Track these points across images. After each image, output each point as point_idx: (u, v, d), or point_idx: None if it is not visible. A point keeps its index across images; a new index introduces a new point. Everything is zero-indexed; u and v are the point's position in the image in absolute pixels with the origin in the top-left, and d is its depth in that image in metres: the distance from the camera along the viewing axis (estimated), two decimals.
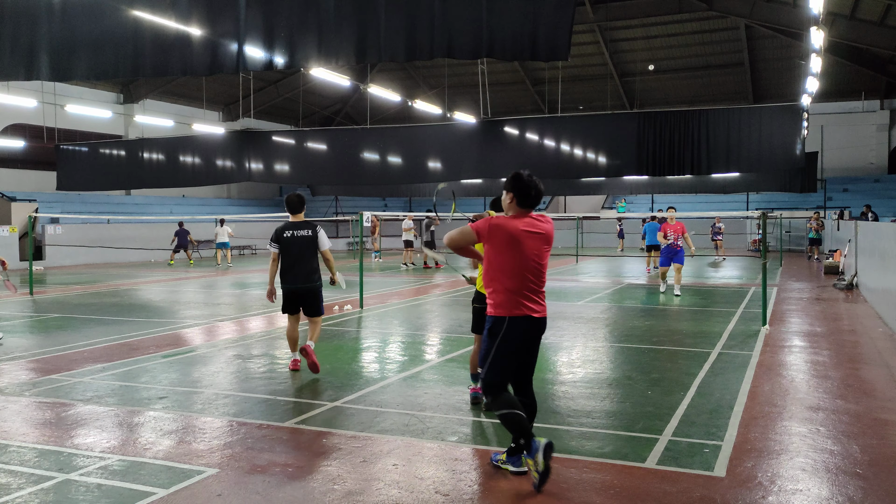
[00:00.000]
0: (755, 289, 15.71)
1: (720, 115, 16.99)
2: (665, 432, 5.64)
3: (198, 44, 8.84)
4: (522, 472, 4.71)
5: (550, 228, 4.85)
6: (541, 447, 4.47)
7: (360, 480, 4.72)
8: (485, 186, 28.74)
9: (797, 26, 25.08)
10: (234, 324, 11.58)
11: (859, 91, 33.88)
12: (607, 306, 13.46)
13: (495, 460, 4.93)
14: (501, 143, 19.03)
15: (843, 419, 6.03)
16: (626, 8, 30.51)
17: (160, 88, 33.58)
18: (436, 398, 6.73)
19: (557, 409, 6.39)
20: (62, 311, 13.14)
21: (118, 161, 22.46)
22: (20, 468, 4.95)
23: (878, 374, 7.72)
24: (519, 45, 7.82)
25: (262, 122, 38.77)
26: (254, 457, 5.17)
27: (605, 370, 8.01)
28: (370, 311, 12.85)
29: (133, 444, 5.45)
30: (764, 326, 10.67)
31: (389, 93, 26.93)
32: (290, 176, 22.20)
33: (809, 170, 23.64)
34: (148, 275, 21.42)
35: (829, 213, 30.24)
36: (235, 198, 38.84)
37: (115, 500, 4.42)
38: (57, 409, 6.46)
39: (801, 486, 4.60)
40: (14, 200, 25.67)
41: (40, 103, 24.88)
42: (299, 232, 7.78)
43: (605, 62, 34.63)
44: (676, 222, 14.81)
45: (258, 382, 7.44)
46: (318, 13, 8.41)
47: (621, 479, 4.72)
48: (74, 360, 8.63)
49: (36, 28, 9.16)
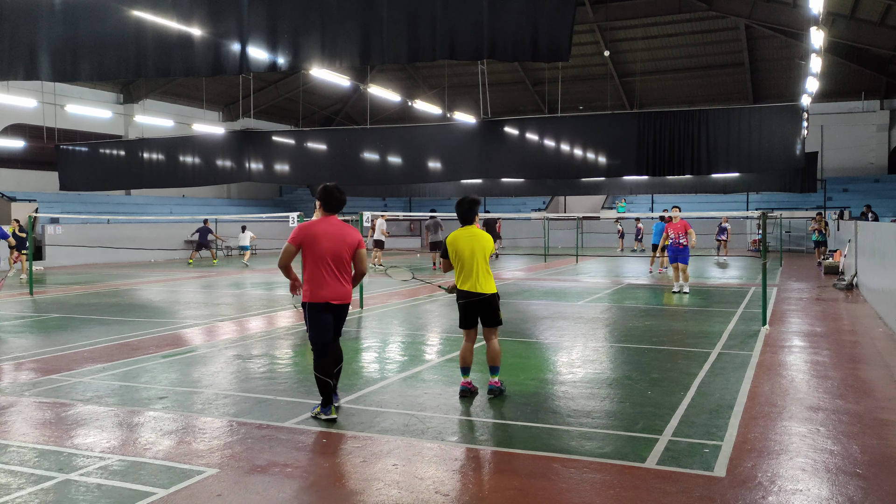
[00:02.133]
0: (755, 289, 15.71)
1: (720, 115, 16.97)
2: (665, 432, 5.64)
3: (200, 45, 8.83)
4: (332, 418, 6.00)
5: (351, 232, 6.11)
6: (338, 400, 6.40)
7: (360, 480, 4.72)
8: (485, 186, 28.71)
9: (797, 26, 25.09)
10: (234, 324, 11.58)
11: (859, 91, 33.89)
12: (607, 306, 13.47)
13: (312, 412, 6.16)
14: (501, 143, 18.99)
15: (843, 419, 6.03)
16: (626, 8, 30.51)
17: (160, 88, 33.59)
18: (436, 398, 6.73)
19: (557, 409, 6.39)
20: (62, 311, 13.14)
21: (118, 161, 22.43)
22: (20, 468, 4.96)
23: (878, 374, 7.72)
24: (520, 46, 7.83)
25: (262, 122, 38.78)
26: (254, 457, 5.17)
27: (605, 370, 8.01)
28: (370, 311, 12.85)
29: (133, 444, 5.46)
30: (764, 326, 10.67)
31: (389, 93, 26.92)
32: (290, 176, 22.17)
33: (809, 170, 23.61)
34: (148, 275, 21.43)
35: (829, 213, 30.25)
36: (235, 198, 38.85)
37: (115, 500, 4.42)
38: (57, 409, 6.46)
39: (801, 486, 4.60)
40: (14, 200, 25.68)
41: (40, 103, 24.87)
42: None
43: (605, 62, 34.63)
44: (679, 221, 14.81)
45: (258, 382, 7.44)
46: (321, 14, 8.40)
47: (621, 479, 4.72)
48: (74, 360, 8.63)
49: (36, 28, 9.15)
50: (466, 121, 23.38)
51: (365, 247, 6.26)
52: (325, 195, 6.12)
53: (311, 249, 5.95)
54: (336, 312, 6.06)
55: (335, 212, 6.15)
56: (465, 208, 6.76)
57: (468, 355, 6.80)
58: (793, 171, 22.66)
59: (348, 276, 6.11)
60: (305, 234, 5.98)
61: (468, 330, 6.81)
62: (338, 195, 6.14)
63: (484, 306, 6.69)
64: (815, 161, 24.54)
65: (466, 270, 6.69)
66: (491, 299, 6.70)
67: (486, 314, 6.73)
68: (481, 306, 6.69)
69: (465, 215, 6.78)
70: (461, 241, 6.69)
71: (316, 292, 5.96)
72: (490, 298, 6.69)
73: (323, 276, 5.94)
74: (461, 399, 6.65)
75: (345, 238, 6.04)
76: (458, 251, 6.68)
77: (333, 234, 5.99)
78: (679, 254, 14.87)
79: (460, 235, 6.73)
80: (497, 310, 6.76)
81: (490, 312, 6.72)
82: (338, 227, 6.07)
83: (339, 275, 6.00)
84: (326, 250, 5.93)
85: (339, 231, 6.04)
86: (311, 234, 5.96)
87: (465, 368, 6.81)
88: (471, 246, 6.67)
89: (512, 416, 6.16)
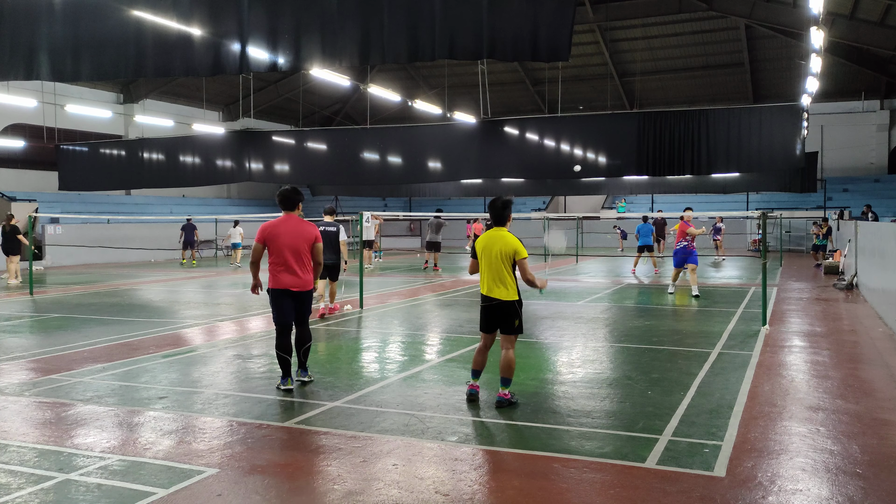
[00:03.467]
0: (755, 289, 15.71)
1: (720, 115, 16.97)
2: (665, 432, 5.64)
3: (200, 44, 8.83)
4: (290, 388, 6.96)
5: (309, 228, 7.04)
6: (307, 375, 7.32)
7: (360, 480, 4.72)
8: (485, 186, 28.71)
9: (797, 26, 25.08)
10: (234, 324, 11.58)
11: (859, 91, 33.89)
12: (607, 306, 13.47)
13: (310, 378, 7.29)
14: (501, 143, 19.00)
15: (843, 419, 6.03)
16: (626, 8, 30.50)
17: (160, 88, 33.58)
18: (436, 398, 6.73)
19: (557, 409, 6.39)
20: (62, 311, 13.14)
21: (118, 161, 22.43)
22: (20, 468, 4.96)
23: (878, 374, 7.72)
24: (520, 46, 7.83)
25: (262, 122, 38.77)
26: (254, 457, 5.17)
27: (605, 370, 8.01)
28: (370, 311, 12.85)
29: (133, 444, 5.46)
30: (764, 326, 10.67)
31: (389, 93, 26.91)
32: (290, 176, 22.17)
33: (809, 170, 23.61)
34: (148, 275, 21.43)
35: (829, 213, 30.24)
36: (235, 198, 38.85)
37: (115, 500, 4.42)
38: (57, 409, 6.46)
39: (801, 486, 4.60)
40: (14, 200, 25.68)
41: (40, 103, 24.86)
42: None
43: (605, 62, 34.63)
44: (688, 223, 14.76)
45: (258, 382, 7.44)
46: (321, 14, 8.41)
47: (621, 479, 4.72)
48: (74, 360, 8.63)
49: (36, 28, 9.15)
50: (466, 121, 23.38)
51: (321, 241, 7.14)
52: (281, 197, 7.12)
53: (272, 244, 6.92)
54: (296, 298, 7.00)
55: (291, 210, 7.07)
56: (497, 209, 6.55)
57: (479, 358, 6.63)
58: (793, 171, 22.66)
59: (308, 267, 7.00)
60: (267, 232, 6.95)
61: (486, 334, 6.59)
62: (292, 196, 7.08)
63: (499, 312, 6.45)
64: (815, 161, 24.54)
65: (482, 273, 6.50)
66: (504, 306, 6.40)
67: (502, 321, 6.47)
68: (497, 311, 6.45)
69: (498, 216, 6.55)
70: (486, 242, 6.47)
71: (277, 279, 6.94)
72: (503, 305, 6.40)
73: (282, 266, 6.89)
74: (468, 403, 6.50)
75: (302, 234, 6.97)
76: (482, 253, 6.49)
77: (291, 231, 6.94)
78: (689, 255, 14.85)
79: (487, 236, 6.51)
80: (513, 317, 6.42)
81: (505, 319, 6.44)
82: (295, 224, 7.00)
83: (298, 266, 6.91)
84: (285, 245, 6.87)
85: (296, 228, 6.97)
86: (272, 232, 6.94)
87: (475, 371, 6.64)
88: (491, 249, 6.41)
89: (512, 416, 6.15)
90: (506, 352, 6.47)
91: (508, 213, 6.60)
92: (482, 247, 6.47)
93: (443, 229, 22.22)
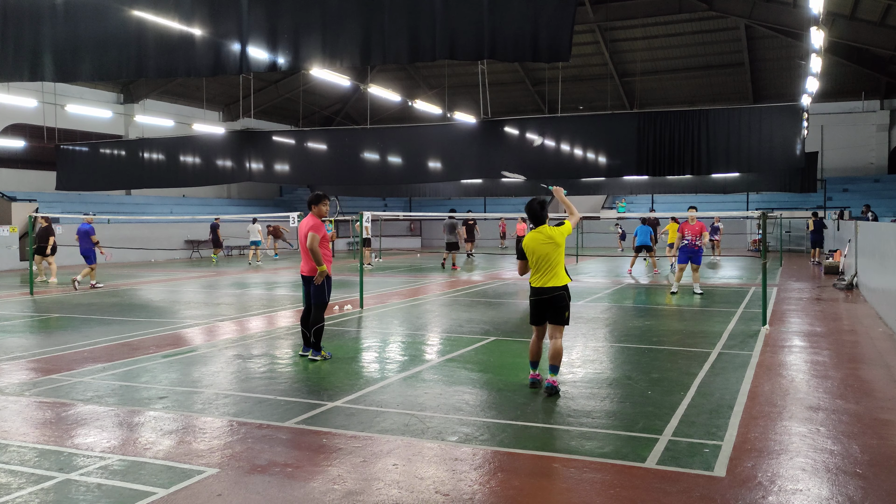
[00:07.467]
0: (755, 289, 15.71)
1: (720, 115, 16.97)
2: (665, 432, 5.64)
3: (201, 45, 8.83)
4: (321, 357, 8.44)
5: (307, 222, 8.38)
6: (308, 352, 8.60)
7: (360, 480, 4.73)
8: (485, 186, 28.71)
9: (797, 26, 25.09)
10: (234, 324, 11.58)
11: (859, 91, 33.88)
12: (607, 306, 13.47)
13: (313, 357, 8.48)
14: (501, 143, 19.01)
15: (843, 419, 6.03)
16: (626, 8, 30.50)
17: (160, 88, 33.58)
18: (436, 398, 6.73)
19: (557, 408, 6.40)
20: (62, 311, 13.14)
21: (118, 161, 22.44)
22: (20, 468, 4.96)
23: (878, 374, 7.72)
24: (520, 46, 7.83)
25: (262, 122, 38.77)
26: (254, 457, 5.17)
27: (605, 370, 8.01)
28: (370, 311, 12.85)
29: (133, 444, 5.46)
30: (764, 326, 10.67)
31: (389, 93, 26.91)
32: (291, 176, 22.19)
33: (809, 170, 23.61)
34: (148, 274, 21.43)
35: (829, 213, 30.24)
36: (235, 198, 38.84)
37: (115, 500, 4.42)
38: (57, 409, 6.46)
39: (801, 486, 4.60)
40: (14, 200, 25.66)
41: (40, 103, 24.87)
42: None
43: (606, 62, 34.63)
44: (696, 222, 14.76)
45: (258, 382, 7.45)
46: (322, 14, 8.41)
47: (621, 479, 4.72)
48: (74, 360, 8.63)
49: (39, 29, 9.16)
50: (466, 121, 23.38)
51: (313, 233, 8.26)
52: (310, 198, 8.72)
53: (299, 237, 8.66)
54: (305, 282, 8.70)
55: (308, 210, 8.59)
56: (534, 210, 7.04)
57: (535, 348, 7.15)
58: (793, 171, 22.67)
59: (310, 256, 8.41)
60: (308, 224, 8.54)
61: (537, 326, 7.09)
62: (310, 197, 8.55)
63: (552, 304, 6.88)
64: (815, 161, 24.54)
65: (534, 271, 6.95)
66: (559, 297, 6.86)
67: (553, 313, 6.92)
68: (550, 304, 6.89)
69: (536, 217, 7.05)
70: (533, 243, 6.93)
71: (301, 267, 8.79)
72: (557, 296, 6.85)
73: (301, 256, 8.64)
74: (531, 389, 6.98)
75: (303, 228, 8.44)
76: (531, 253, 6.95)
77: (301, 226, 8.50)
78: (694, 255, 14.85)
79: (531, 237, 6.96)
80: (565, 310, 6.92)
81: (557, 312, 6.91)
82: (304, 221, 8.50)
83: (305, 254, 8.50)
84: (300, 238, 8.53)
85: (303, 224, 8.47)
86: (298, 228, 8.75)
87: (533, 362, 7.19)
88: (540, 246, 6.89)
89: (512, 416, 6.16)
90: (555, 341, 6.96)
91: (545, 213, 7.09)
92: (530, 248, 6.95)
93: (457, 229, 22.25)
